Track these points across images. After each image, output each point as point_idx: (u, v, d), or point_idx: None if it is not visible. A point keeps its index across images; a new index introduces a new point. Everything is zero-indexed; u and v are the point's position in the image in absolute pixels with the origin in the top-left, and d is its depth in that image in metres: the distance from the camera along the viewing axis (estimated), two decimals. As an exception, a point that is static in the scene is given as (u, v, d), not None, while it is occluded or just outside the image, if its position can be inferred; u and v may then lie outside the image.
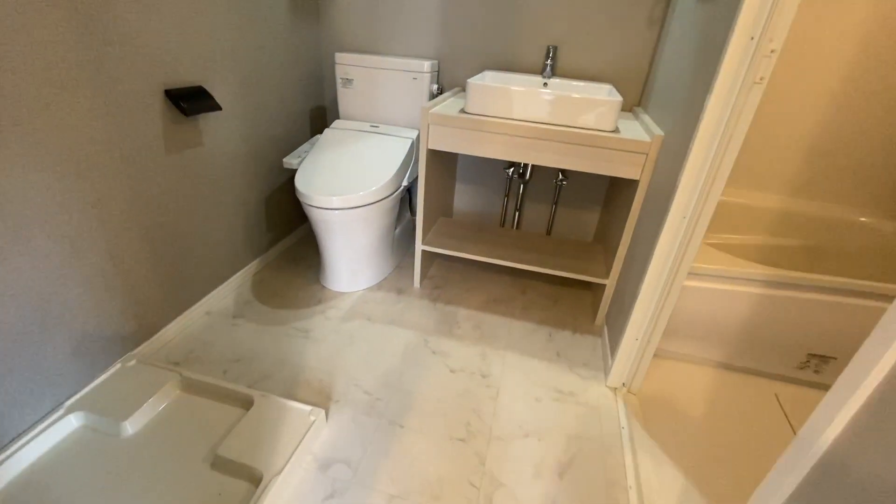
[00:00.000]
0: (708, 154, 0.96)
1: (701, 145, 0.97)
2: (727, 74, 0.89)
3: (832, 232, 1.69)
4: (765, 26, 0.82)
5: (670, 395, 1.34)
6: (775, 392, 1.39)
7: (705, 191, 0.98)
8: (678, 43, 1.28)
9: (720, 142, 0.93)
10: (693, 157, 0.98)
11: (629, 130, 1.38)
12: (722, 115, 0.92)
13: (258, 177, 1.66)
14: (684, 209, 1.04)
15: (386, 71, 1.71)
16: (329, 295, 1.66)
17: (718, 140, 0.94)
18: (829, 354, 1.33)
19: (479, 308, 1.65)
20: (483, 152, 1.42)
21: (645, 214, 1.30)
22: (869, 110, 1.54)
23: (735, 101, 0.89)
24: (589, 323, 1.63)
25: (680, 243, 1.06)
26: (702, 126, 0.94)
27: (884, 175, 1.63)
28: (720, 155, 0.94)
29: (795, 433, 1.26)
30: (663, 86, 1.37)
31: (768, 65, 0.84)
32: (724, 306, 1.32)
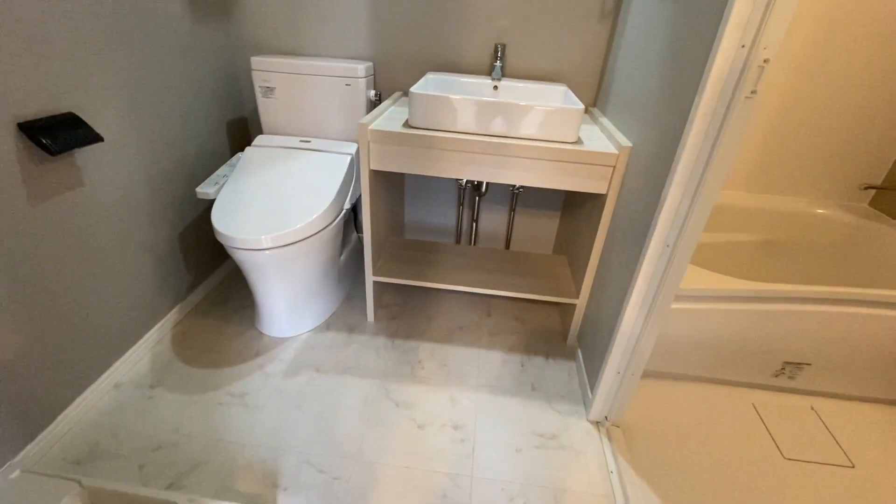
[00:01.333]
0: (693, 177, 0.85)
1: (685, 168, 0.85)
2: (714, 87, 0.76)
3: (790, 225, 1.68)
4: (758, 33, 0.70)
5: (653, 420, 1.26)
6: (752, 402, 1.35)
7: (690, 217, 0.87)
8: (639, 41, 1.16)
9: (707, 163, 0.82)
10: (676, 183, 0.86)
11: (592, 139, 1.25)
12: (709, 132, 0.80)
13: (166, 212, 1.38)
14: (666, 237, 0.92)
15: (313, 77, 1.47)
16: (268, 343, 1.43)
17: (705, 161, 0.82)
18: (803, 361, 1.30)
19: (442, 339, 1.49)
20: (433, 171, 1.24)
21: (616, 230, 1.19)
22: (819, 102, 1.52)
23: (725, 117, 0.77)
24: (560, 343, 1.52)
25: (663, 273, 0.95)
26: (687, 146, 0.82)
27: (837, 166, 1.63)
28: (706, 177, 0.83)
29: (775, 441, 1.23)
30: (624, 87, 1.25)
31: (761, 76, 0.73)
32: (702, 324, 1.25)
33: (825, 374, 1.33)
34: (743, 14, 0.70)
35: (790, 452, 1.20)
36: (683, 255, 0.91)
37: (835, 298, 1.20)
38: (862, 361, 1.29)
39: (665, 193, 0.88)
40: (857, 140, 1.57)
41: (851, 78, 1.47)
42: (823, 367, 1.31)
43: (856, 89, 1.49)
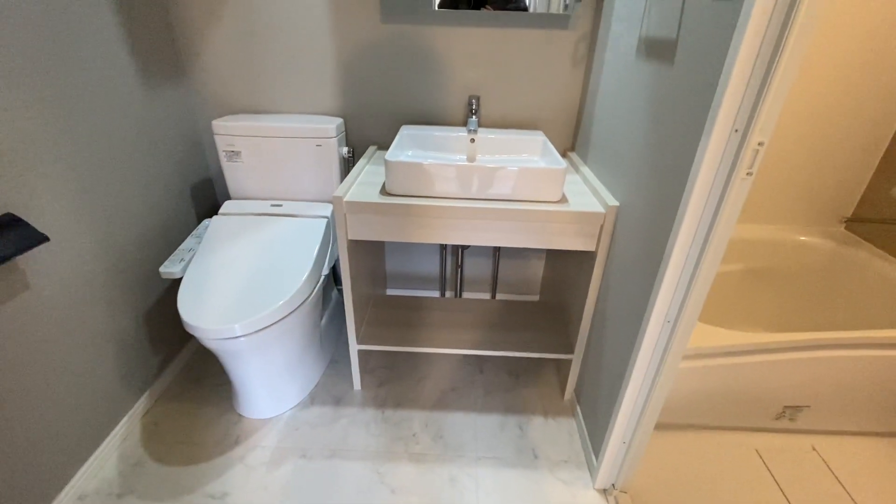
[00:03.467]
0: (690, 256, 0.81)
1: (682, 249, 0.81)
2: (709, 168, 0.73)
3: (774, 253, 1.69)
4: (751, 118, 0.67)
5: (660, 476, 1.22)
6: (755, 447, 1.32)
7: (690, 295, 0.83)
8: (618, 96, 1.14)
9: (705, 242, 0.78)
10: (673, 263, 0.83)
11: (576, 195, 1.22)
12: (705, 212, 0.77)
13: (127, 295, 1.28)
14: (666, 313, 0.88)
15: (281, 139, 1.40)
16: (248, 427, 1.33)
17: (703, 240, 0.79)
18: (802, 404, 1.29)
19: (435, 405, 1.42)
20: (413, 238, 1.18)
21: (609, 288, 1.15)
22: (795, 135, 1.54)
23: (721, 198, 0.74)
24: (558, 399, 1.46)
25: (665, 348, 0.91)
26: (683, 226, 0.79)
27: (816, 193, 1.65)
28: (705, 256, 0.79)
29: (782, 490, 1.20)
30: (604, 137, 1.23)
31: (756, 158, 0.70)
32: (704, 378, 1.22)
33: (824, 414, 1.32)
34: (735, 100, 0.67)
35: (798, 500, 1.17)
36: (685, 332, 0.87)
37: (830, 343, 1.19)
38: (857, 399, 1.28)
39: (663, 271, 0.85)
40: (832, 170, 1.59)
41: (823, 111, 1.49)
42: (821, 407, 1.30)
43: (828, 122, 1.51)
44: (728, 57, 0.66)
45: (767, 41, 0.63)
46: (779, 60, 0.63)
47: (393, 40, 1.39)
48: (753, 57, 0.64)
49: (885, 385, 1.25)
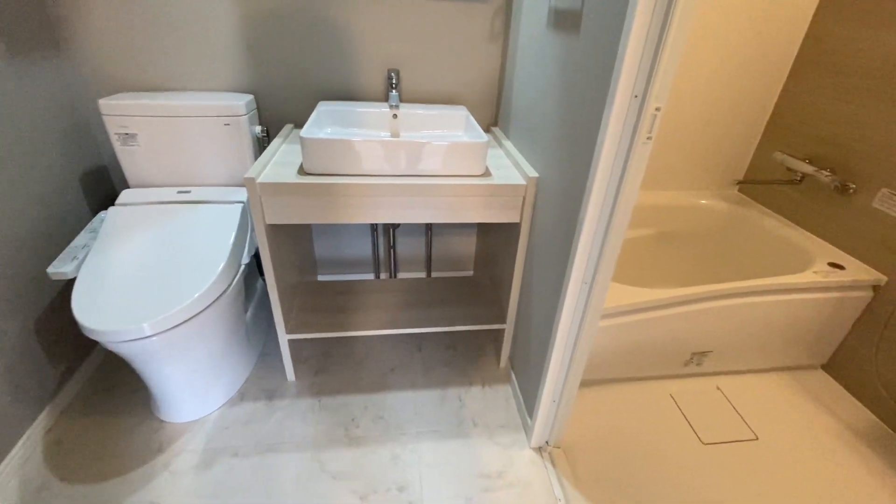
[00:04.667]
0: (602, 218, 0.86)
1: (594, 210, 0.85)
2: (614, 133, 0.77)
3: (680, 217, 1.84)
4: (648, 84, 0.71)
5: (587, 430, 1.30)
6: (670, 392, 1.46)
7: (603, 257, 0.88)
8: (533, 68, 1.16)
9: (614, 205, 0.83)
10: (587, 227, 0.87)
11: (500, 168, 1.23)
12: (612, 176, 0.81)
13: (12, 302, 1.12)
14: (584, 276, 0.93)
15: (184, 119, 1.28)
16: (172, 432, 1.24)
17: (612, 203, 0.83)
18: (707, 350, 1.44)
19: (375, 387, 1.41)
20: (337, 219, 1.14)
21: (533, 256, 1.19)
22: (691, 106, 1.67)
23: (626, 162, 0.78)
24: (494, 367, 1.51)
25: (584, 308, 0.96)
26: (594, 189, 0.83)
27: (713, 160, 1.81)
28: (614, 219, 0.84)
29: (693, 429, 1.34)
30: (523, 110, 1.25)
31: (655, 123, 0.74)
32: (621, 334, 1.32)
33: (725, 357, 1.48)
34: (633, 67, 0.71)
35: (707, 437, 1.31)
36: (600, 291, 0.93)
37: (729, 293, 1.32)
38: (753, 340, 1.45)
39: (577, 235, 0.89)
40: (725, 139, 1.75)
41: (718, 85, 1.63)
42: (723, 351, 1.46)
43: (722, 95, 1.65)
44: (625, 26, 0.69)
45: (658, 12, 0.67)
46: (668, 30, 0.67)
47: (305, 9, 1.31)
48: (646, 26, 0.68)
49: (776, 326, 1.42)
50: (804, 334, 1.46)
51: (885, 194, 1.34)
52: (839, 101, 1.45)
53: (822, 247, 1.50)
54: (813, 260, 1.45)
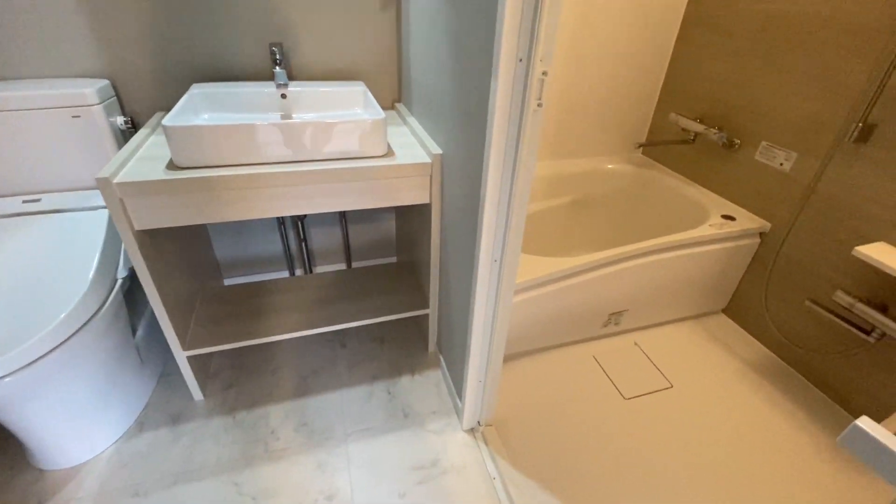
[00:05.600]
0: (503, 191, 0.82)
1: (494, 184, 0.81)
2: (504, 100, 0.72)
3: (591, 182, 1.88)
4: (531, 48, 0.67)
5: (518, 403, 1.31)
6: (592, 354, 1.51)
7: (509, 231, 0.85)
8: (427, 37, 1.08)
9: (513, 176, 0.79)
10: (489, 200, 0.83)
11: (404, 147, 1.16)
12: (507, 144, 0.77)
13: None
14: (492, 253, 0.90)
15: (18, 114, 1.06)
16: (54, 482, 1.07)
17: (511, 175, 0.80)
18: (623, 309, 1.49)
19: (296, 394, 1.31)
20: (223, 216, 1.02)
21: (448, 236, 1.14)
22: (592, 75, 1.69)
23: (520, 131, 0.75)
24: (423, 352, 1.47)
25: (497, 284, 0.93)
26: (491, 161, 0.78)
27: (617, 125, 1.86)
28: (515, 190, 0.80)
29: (616, 386, 1.40)
30: (422, 84, 1.18)
31: (543, 88, 0.71)
32: (541, 305, 1.32)
33: (640, 313, 1.56)
34: (513, 28, 0.66)
35: (628, 392, 1.38)
36: (511, 268, 0.90)
37: (638, 253, 1.37)
38: (664, 294, 1.53)
39: (481, 211, 0.84)
40: (626, 104, 1.80)
41: (615, 52, 1.66)
42: (638, 308, 1.53)
43: (621, 62, 1.68)
44: (502, -19, 0.64)
45: (533, -38, 0.62)
46: (546, -17, 0.62)
47: (155, -24, 1.12)
48: (523, -20, 0.63)
49: (681, 279, 1.50)
50: (706, 283, 1.56)
51: (765, 147, 1.44)
52: (723, 61, 1.53)
53: (716, 200, 1.61)
54: (709, 214, 1.54)
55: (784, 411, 1.33)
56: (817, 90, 1.26)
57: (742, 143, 1.51)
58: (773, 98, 1.39)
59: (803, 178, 1.34)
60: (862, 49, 1.15)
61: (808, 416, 1.32)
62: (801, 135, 1.33)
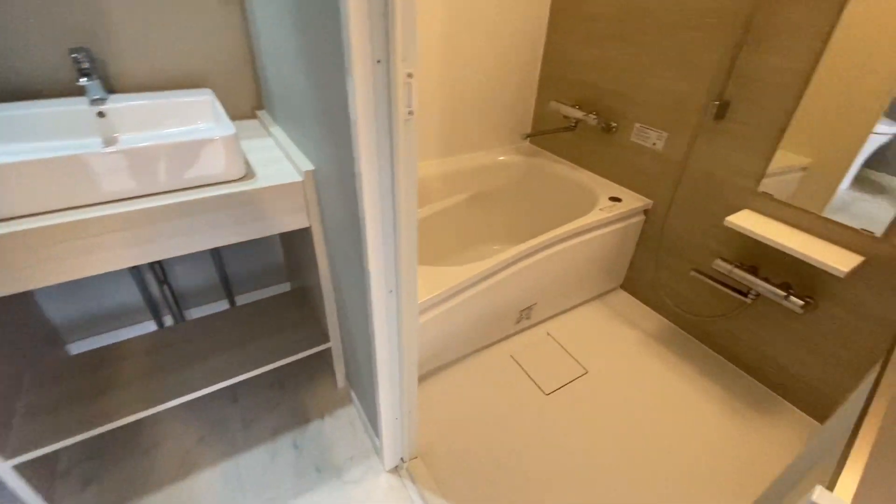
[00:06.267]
0: (384, 210, 0.71)
1: (372, 203, 0.69)
2: (366, 109, 0.60)
3: (486, 175, 1.85)
4: (388, 47, 0.55)
5: (442, 424, 1.23)
6: (510, 353, 1.48)
7: (400, 254, 0.74)
8: (275, 32, 0.92)
9: (393, 192, 0.68)
10: (370, 221, 0.71)
11: (269, 164, 0.99)
12: (380, 158, 0.66)
13: None
14: (386, 282, 0.78)
15: None
16: None
17: (390, 191, 0.68)
18: (532, 303, 1.48)
19: (179, 474, 1.08)
20: (46, 281, 0.77)
21: (336, 261, 1.00)
22: (481, 67, 1.63)
23: (392, 144, 0.63)
24: (331, 389, 1.32)
25: (397, 314, 0.82)
26: (363, 179, 0.66)
27: (504, 118, 1.83)
28: (398, 206, 0.69)
29: (535, 383, 1.38)
30: (281, 88, 1.01)
31: (411, 93, 0.60)
32: (450, 317, 1.24)
33: (549, 304, 1.56)
34: (362, 23, 0.54)
35: (548, 387, 1.37)
36: (409, 297, 0.79)
37: (538, 248, 1.35)
38: (569, 281, 1.54)
39: (364, 239, 0.72)
40: (510, 95, 1.79)
41: (495, 47, 1.61)
42: (546, 299, 1.52)
43: (503, 56, 1.64)
44: (340, -36, 0.51)
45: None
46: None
47: None
48: (366, -38, 0.51)
49: (581, 264, 1.52)
50: (603, 264, 1.61)
51: (638, 128, 1.51)
52: (592, 46, 1.57)
53: (603, 183, 1.66)
54: (597, 197, 1.58)
55: (679, 371, 1.42)
56: (678, 72, 1.33)
57: (619, 126, 1.57)
58: (640, 81, 1.45)
59: (675, 155, 1.42)
60: (713, 31, 1.23)
61: (704, 376, 1.42)
62: (668, 115, 1.40)
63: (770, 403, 1.34)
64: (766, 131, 1.17)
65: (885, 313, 1.06)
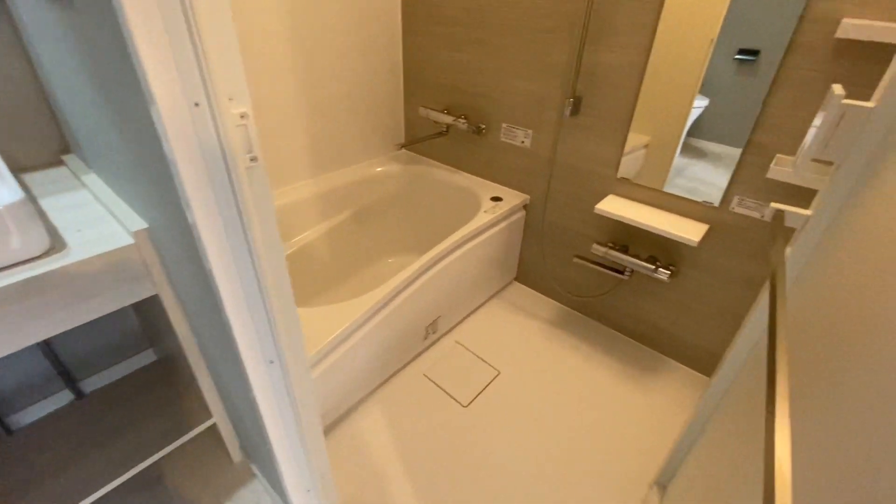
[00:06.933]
0: (242, 275, 0.59)
1: (223, 268, 0.57)
2: (188, 159, 0.48)
3: (367, 190, 1.76)
4: (206, 86, 0.44)
5: (364, 474, 1.13)
6: (423, 372, 1.43)
7: (274, 319, 0.63)
8: (57, 58, 0.72)
9: (251, 252, 0.57)
10: (225, 291, 0.58)
11: (86, 228, 0.78)
12: (224, 216, 0.54)
13: None
14: (263, 352, 0.66)
15: None
16: None
17: (248, 252, 0.57)
18: (435, 317, 1.44)
19: None
20: None
21: (200, 324, 0.84)
22: (332, 75, 1.52)
23: (237, 198, 0.52)
24: (226, 467, 1.13)
25: (285, 386, 0.71)
26: (205, 243, 0.54)
27: (375, 128, 1.75)
28: (261, 267, 0.58)
29: (453, 397, 1.35)
30: (83, 122, 0.81)
31: (250, 135, 0.49)
32: (351, 357, 1.14)
33: (452, 313, 1.54)
34: (160, 58, 0.42)
35: (465, 398, 1.34)
36: (296, 364, 0.68)
37: (431, 263, 1.31)
38: (465, 287, 1.53)
39: (223, 311, 0.60)
40: (377, 105, 1.71)
41: (344, 53, 1.51)
42: (449, 309, 1.50)
43: (366, 67, 1.55)
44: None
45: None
46: None
47: None
48: (151, -16, 0.39)
49: (475, 267, 1.52)
50: (497, 262, 1.64)
51: (506, 128, 1.54)
52: (451, 49, 1.56)
53: (483, 184, 1.68)
54: (480, 199, 1.60)
55: (584, 354, 1.51)
56: (534, 72, 1.38)
57: (488, 128, 1.59)
58: (501, 82, 1.48)
59: (544, 151, 1.48)
60: (558, 33, 1.29)
61: (603, 351, 1.52)
62: (531, 114, 1.45)
63: (663, 366, 1.48)
64: (616, 122, 1.27)
65: (732, 269, 1.23)
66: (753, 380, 0.72)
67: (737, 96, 1.06)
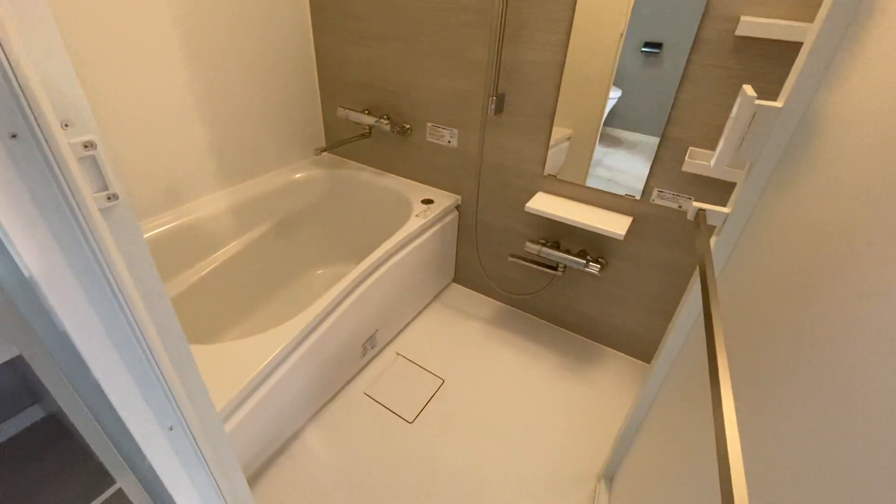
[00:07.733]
0: (119, 334, 0.48)
1: (84, 332, 0.46)
2: (13, 206, 0.38)
3: (287, 198, 1.63)
4: (24, 113, 0.34)
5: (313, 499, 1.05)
6: (363, 391, 1.35)
7: (166, 374, 0.53)
8: None
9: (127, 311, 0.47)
10: (92, 357, 0.48)
11: None
12: (87, 261, 0.43)
13: None
14: (160, 419, 0.56)
15: None
16: None
17: (119, 308, 0.46)
18: (372, 331, 1.36)
19: None
20: None
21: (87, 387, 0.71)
22: (236, 79, 1.37)
23: (93, 247, 0.42)
24: (142, 533, 0.98)
25: (193, 452, 0.61)
26: (52, 302, 0.43)
27: (291, 134, 1.61)
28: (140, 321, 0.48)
29: (397, 414, 1.29)
30: None
31: (105, 166, 0.39)
32: (286, 387, 1.04)
33: (389, 325, 1.47)
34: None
35: (410, 414, 1.29)
36: (205, 423, 0.59)
37: (366, 273, 1.23)
38: (401, 296, 1.47)
39: (89, 369, 0.49)
40: (290, 108, 1.57)
41: (247, 54, 1.36)
42: (385, 322, 1.43)
43: (275, 73, 1.41)
44: None
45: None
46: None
47: None
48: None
49: (411, 274, 1.46)
50: (433, 265, 1.59)
51: (430, 127, 1.49)
52: (366, 46, 1.47)
53: (413, 186, 1.62)
54: (411, 202, 1.53)
55: (527, 351, 1.51)
56: (455, 70, 1.33)
57: (412, 128, 1.53)
58: (421, 80, 1.42)
59: (471, 150, 1.45)
60: (476, 29, 1.24)
61: (544, 347, 1.53)
62: (455, 112, 1.41)
63: (603, 356, 1.52)
64: (540, 118, 1.27)
65: (658, 258, 1.27)
66: (691, 363, 0.73)
67: (646, 87, 1.09)
